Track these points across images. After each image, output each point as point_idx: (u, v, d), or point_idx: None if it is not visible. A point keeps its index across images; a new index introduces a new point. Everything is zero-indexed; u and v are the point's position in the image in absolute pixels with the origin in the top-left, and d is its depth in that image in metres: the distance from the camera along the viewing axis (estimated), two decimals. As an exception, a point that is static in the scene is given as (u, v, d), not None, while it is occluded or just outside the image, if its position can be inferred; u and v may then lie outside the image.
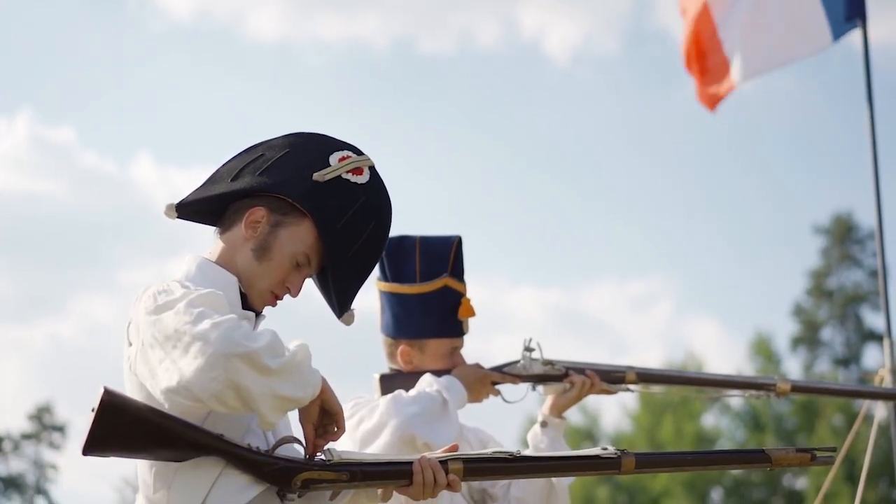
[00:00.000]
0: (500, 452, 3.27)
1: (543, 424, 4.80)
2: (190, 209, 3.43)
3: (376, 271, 4.73)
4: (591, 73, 52.58)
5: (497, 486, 4.78)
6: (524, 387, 4.76)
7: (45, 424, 40.33)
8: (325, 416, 3.17)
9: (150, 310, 3.05)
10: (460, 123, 52.99)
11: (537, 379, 4.74)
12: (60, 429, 40.41)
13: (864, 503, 25.36)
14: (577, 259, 51.03)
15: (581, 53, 53.06)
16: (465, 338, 4.71)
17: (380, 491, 3.26)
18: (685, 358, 34.46)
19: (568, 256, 50.85)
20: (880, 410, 7.26)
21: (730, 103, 8.22)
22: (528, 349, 4.73)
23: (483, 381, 4.66)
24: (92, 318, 55.60)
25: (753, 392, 4.92)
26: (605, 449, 3.39)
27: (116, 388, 3.02)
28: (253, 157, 3.38)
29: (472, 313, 4.68)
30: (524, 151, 52.07)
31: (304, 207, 3.31)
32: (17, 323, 54.74)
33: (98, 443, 3.00)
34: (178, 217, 3.43)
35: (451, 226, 49.23)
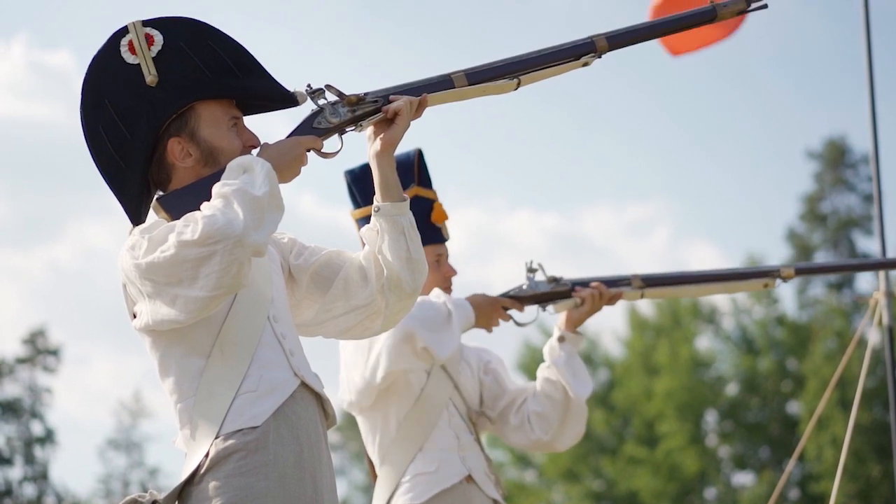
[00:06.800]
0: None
1: (561, 339, 4.82)
2: (143, 210, 3.41)
3: (349, 203, 4.78)
4: (587, -4, 52.25)
5: (509, 407, 4.84)
6: (534, 308, 4.78)
7: (38, 349, 40.32)
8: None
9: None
10: (455, 47, 52.75)
11: (546, 298, 4.75)
12: (54, 352, 40.42)
13: (858, 426, 25.51)
14: (575, 184, 50.96)
15: (576, -24, 52.68)
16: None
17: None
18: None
19: (566, 181, 50.78)
20: (874, 335, 7.28)
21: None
22: (531, 270, 4.75)
23: (494, 306, 4.69)
24: (89, 242, 55.65)
25: (760, 280, 4.93)
26: None
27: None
28: (104, 137, 3.33)
29: (445, 216, 4.76)
30: (519, 75, 51.67)
31: (185, 102, 3.31)
32: (13, 248, 54.75)
33: None
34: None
35: (447, 151, 49.14)
